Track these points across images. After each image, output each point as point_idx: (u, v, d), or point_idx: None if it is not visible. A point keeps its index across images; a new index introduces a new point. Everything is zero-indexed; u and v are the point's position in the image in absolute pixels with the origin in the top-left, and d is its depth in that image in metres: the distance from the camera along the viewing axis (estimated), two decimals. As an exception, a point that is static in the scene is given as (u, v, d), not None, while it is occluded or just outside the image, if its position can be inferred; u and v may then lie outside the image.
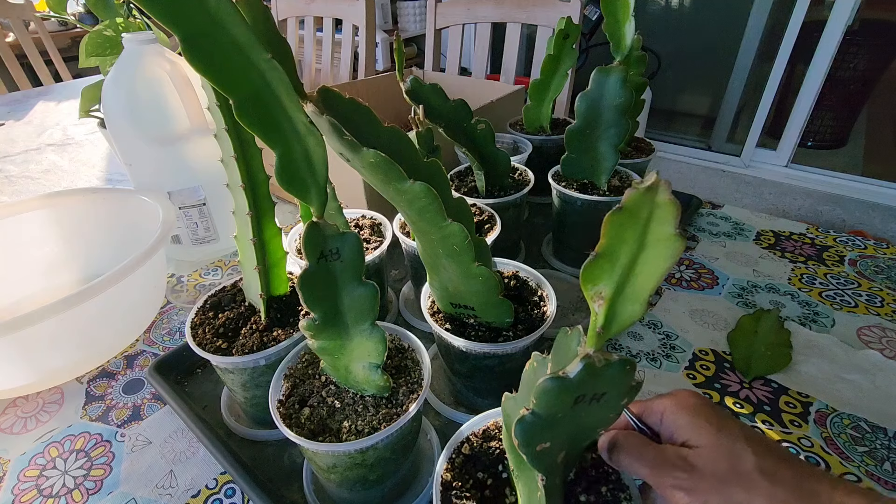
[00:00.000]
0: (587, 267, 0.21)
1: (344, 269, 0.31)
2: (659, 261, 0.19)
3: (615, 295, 0.21)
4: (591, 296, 0.21)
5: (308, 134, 0.27)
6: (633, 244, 0.20)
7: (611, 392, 0.23)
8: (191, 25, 0.22)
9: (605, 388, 0.22)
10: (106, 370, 0.55)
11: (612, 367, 0.21)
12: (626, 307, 0.21)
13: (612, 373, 0.21)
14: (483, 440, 0.33)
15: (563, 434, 0.25)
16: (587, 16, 2.10)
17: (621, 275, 0.20)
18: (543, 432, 0.23)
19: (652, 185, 0.18)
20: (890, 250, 0.67)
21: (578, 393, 0.22)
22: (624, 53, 0.54)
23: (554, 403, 0.22)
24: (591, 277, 0.21)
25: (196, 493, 0.41)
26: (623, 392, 0.23)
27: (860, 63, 1.98)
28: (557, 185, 0.60)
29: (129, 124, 0.61)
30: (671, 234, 0.19)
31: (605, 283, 0.21)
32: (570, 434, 0.26)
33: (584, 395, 0.22)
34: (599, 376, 0.21)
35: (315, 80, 1.46)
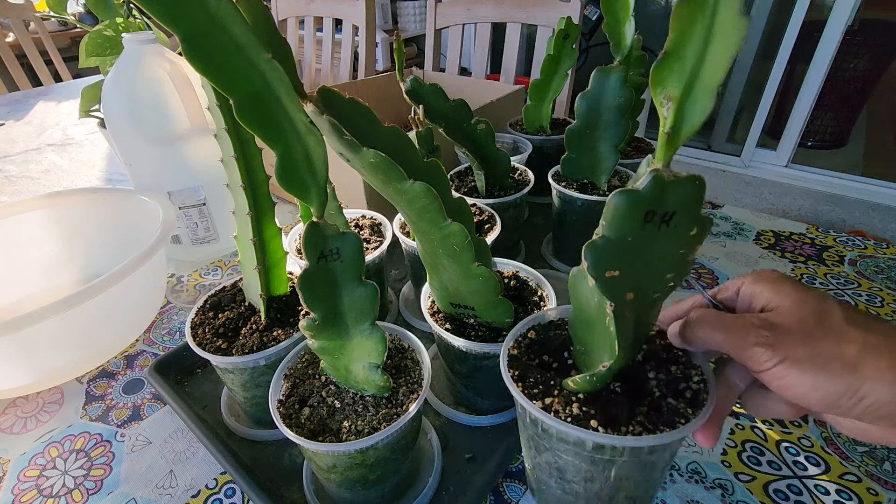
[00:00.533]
0: (656, 69, 0.20)
1: (344, 269, 0.31)
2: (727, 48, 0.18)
3: (684, 94, 0.20)
4: (660, 101, 0.21)
5: (308, 134, 0.27)
6: (700, 36, 0.19)
7: (680, 213, 0.22)
8: (191, 25, 0.22)
9: (674, 206, 0.22)
10: (106, 370, 0.55)
11: (680, 181, 0.21)
12: (696, 105, 0.20)
13: (681, 188, 0.21)
14: (548, 329, 0.34)
15: (633, 267, 0.24)
16: (587, 16, 2.10)
17: (690, 71, 0.20)
18: (613, 257, 0.23)
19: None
20: (890, 250, 0.67)
21: (647, 208, 0.21)
22: (624, 53, 0.54)
23: (623, 222, 0.22)
24: (659, 80, 0.20)
25: (196, 493, 0.41)
26: (693, 218, 0.22)
27: (860, 63, 1.99)
28: (557, 185, 0.60)
29: (129, 124, 0.61)
30: (737, 14, 0.18)
31: (674, 84, 0.20)
32: (640, 271, 0.25)
33: (654, 214, 0.22)
34: (668, 191, 0.21)
35: (315, 80, 1.46)
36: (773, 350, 0.23)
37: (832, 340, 0.23)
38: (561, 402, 0.29)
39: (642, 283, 0.26)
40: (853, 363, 0.22)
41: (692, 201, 0.22)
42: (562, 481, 0.31)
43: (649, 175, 0.20)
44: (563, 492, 0.32)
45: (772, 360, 0.24)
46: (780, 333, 0.24)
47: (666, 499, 0.39)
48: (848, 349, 0.23)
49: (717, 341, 0.26)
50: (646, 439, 0.26)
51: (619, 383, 0.30)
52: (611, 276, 0.24)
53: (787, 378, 0.23)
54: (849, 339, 0.23)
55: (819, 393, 0.23)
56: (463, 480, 0.41)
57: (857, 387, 0.22)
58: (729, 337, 0.25)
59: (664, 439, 0.26)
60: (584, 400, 0.29)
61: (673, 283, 0.26)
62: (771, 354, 0.23)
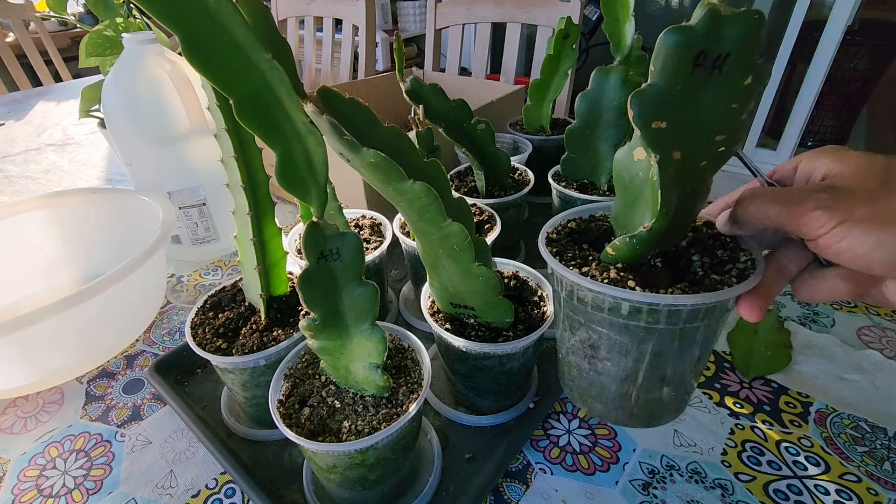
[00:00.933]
0: None
1: (344, 269, 0.31)
2: None
3: None
4: None
5: (308, 134, 0.27)
6: None
7: (734, 57, 0.20)
8: (191, 25, 0.22)
9: (728, 47, 0.20)
10: (106, 370, 0.55)
11: (738, 17, 0.19)
12: None
13: (738, 24, 0.19)
14: (590, 221, 0.33)
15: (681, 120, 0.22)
16: (587, 16, 2.10)
17: None
18: (660, 107, 0.21)
19: None
20: (890, 250, 0.67)
21: (700, 47, 0.20)
22: (624, 53, 0.54)
23: (673, 65, 0.20)
24: None
25: (196, 493, 0.41)
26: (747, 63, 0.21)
27: (860, 63, 1.99)
28: (557, 185, 0.60)
29: (129, 124, 0.61)
30: None
31: None
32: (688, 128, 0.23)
33: (706, 56, 0.20)
34: (724, 27, 0.19)
35: (315, 80, 1.46)
36: (832, 211, 0.22)
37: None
38: (598, 270, 0.27)
39: (691, 143, 0.24)
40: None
41: (749, 43, 0.20)
42: (595, 360, 0.29)
43: (704, 9, 0.19)
44: (595, 373, 0.30)
45: (830, 223, 0.22)
46: (840, 196, 0.22)
47: (666, 499, 0.39)
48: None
49: (772, 215, 0.24)
50: (685, 298, 0.24)
51: (659, 259, 0.28)
52: (657, 128, 0.22)
53: (847, 239, 0.22)
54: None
55: (883, 251, 0.21)
56: (463, 480, 0.41)
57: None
58: (784, 207, 0.23)
59: (703, 300, 0.24)
60: (623, 268, 0.27)
61: (724, 149, 0.24)
62: (829, 216, 0.22)
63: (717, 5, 0.19)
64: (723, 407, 0.47)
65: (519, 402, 0.46)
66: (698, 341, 0.28)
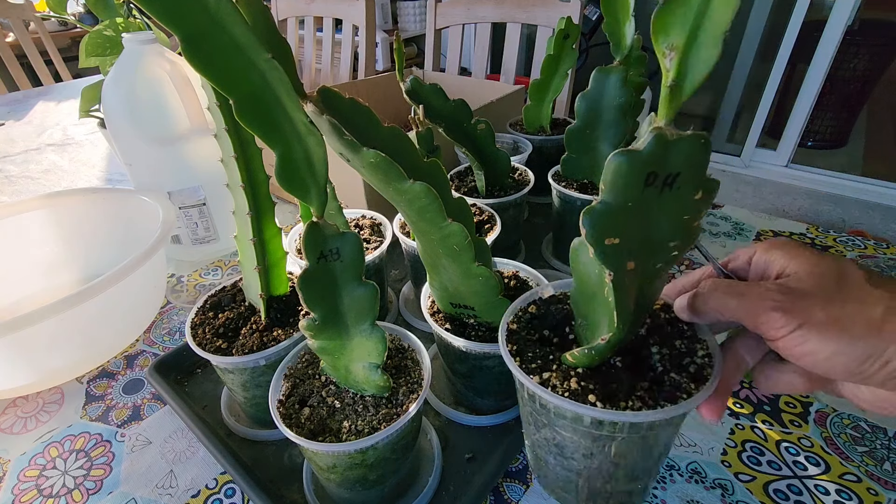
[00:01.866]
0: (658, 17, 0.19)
1: (344, 269, 0.31)
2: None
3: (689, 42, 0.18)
4: (662, 51, 0.19)
5: (308, 134, 0.27)
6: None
7: (684, 175, 0.20)
8: (191, 25, 0.22)
9: (677, 168, 0.20)
10: (106, 370, 0.55)
11: (684, 140, 0.19)
12: (700, 53, 0.18)
13: (684, 147, 0.19)
14: (550, 303, 0.32)
15: (634, 235, 0.23)
16: (587, 16, 2.10)
17: (695, 17, 0.18)
18: (613, 224, 0.21)
19: None
20: (890, 250, 0.67)
21: (649, 169, 0.20)
22: (624, 53, 0.54)
23: (624, 185, 0.20)
24: (662, 27, 0.19)
25: (196, 493, 0.41)
26: (697, 180, 0.21)
27: (860, 63, 1.99)
28: (557, 185, 0.60)
29: (129, 124, 0.61)
30: None
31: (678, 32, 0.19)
32: (641, 240, 0.23)
33: (656, 176, 0.20)
34: (671, 151, 0.19)
35: (315, 80, 1.46)
36: (790, 314, 0.22)
37: (853, 302, 0.22)
38: (559, 377, 0.28)
39: (644, 252, 0.24)
40: (877, 325, 0.21)
41: (697, 162, 0.20)
42: (561, 458, 0.30)
43: (651, 134, 0.19)
44: (562, 468, 0.31)
45: (789, 325, 0.22)
46: (797, 297, 0.22)
47: (666, 499, 0.39)
48: (871, 310, 0.21)
49: (731, 308, 0.24)
50: (644, 414, 0.25)
51: (619, 357, 0.28)
52: (610, 244, 0.22)
53: (806, 344, 0.22)
54: (872, 300, 0.22)
55: (842, 358, 0.21)
56: (463, 480, 0.41)
57: (883, 349, 0.21)
58: (743, 303, 0.24)
59: (664, 415, 0.25)
60: (583, 374, 0.27)
61: (677, 252, 0.24)
62: (788, 319, 0.22)
63: (663, 129, 0.19)
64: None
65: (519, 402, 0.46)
66: (661, 442, 0.29)
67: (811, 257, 0.24)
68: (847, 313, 0.22)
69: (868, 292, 0.22)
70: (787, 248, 0.25)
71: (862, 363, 0.21)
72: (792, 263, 0.24)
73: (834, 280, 0.23)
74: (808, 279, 0.23)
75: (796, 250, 0.25)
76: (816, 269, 0.23)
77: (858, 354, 0.21)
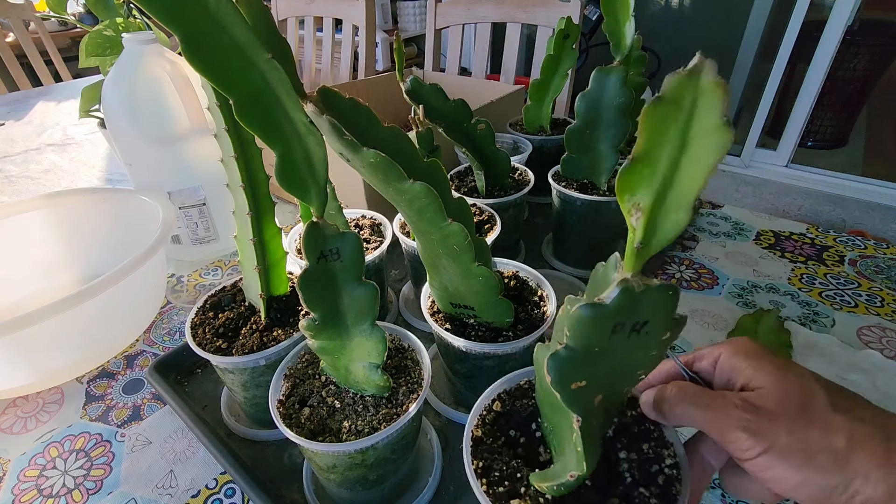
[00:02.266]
0: (622, 174, 0.18)
1: (344, 269, 0.31)
2: (705, 157, 0.17)
3: (656, 204, 0.18)
4: (627, 209, 0.19)
5: (308, 134, 0.27)
6: (674, 141, 0.17)
7: (652, 322, 0.20)
8: (191, 25, 0.22)
9: (645, 317, 0.20)
10: (106, 370, 0.55)
11: (652, 291, 0.19)
12: (668, 217, 0.18)
13: (652, 298, 0.19)
14: (515, 398, 0.32)
15: (601, 373, 0.22)
16: (587, 16, 2.10)
17: (662, 179, 0.18)
18: (579, 368, 0.21)
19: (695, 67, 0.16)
20: (890, 250, 0.67)
21: (616, 321, 0.20)
22: (624, 53, 0.54)
23: (590, 335, 0.20)
24: (627, 186, 0.18)
25: (196, 493, 0.41)
26: (665, 324, 0.21)
27: (860, 63, 1.99)
28: (557, 185, 0.60)
29: (129, 124, 0.61)
30: (718, 123, 0.16)
31: (644, 193, 0.18)
32: (608, 374, 0.23)
33: (623, 325, 0.20)
34: (639, 302, 0.19)
35: (315, 80, 1.46)
36: (756, 437, 0.22)
37: (818, 429, 0.22)
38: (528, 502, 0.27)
39: (611, 384, 0.24)
40: (843, 456, 0.21)
41: (665, 309, 0.20)
42: None
43: (617, 287, 0.19)
44: None
45: (755, 449, 0.22)
46: (763, 418, 0.23)
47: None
48: (836, 439, 0.22)
49: (697, 420, 0.25)
50: None
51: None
52: (577, 388, 0.22)
53: (772, 470, 0.22)
54: (835, 427, 0.22)
55: (808, 488, 0.22)
56: (463, 480, 0.41)
57: (849, 481, 0.21)
58: (709, 416, 0.24)
59: None
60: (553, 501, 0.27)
61: (645, 376, 0.25)
62: (754, 442, 0.22)
63: (630, 281, 0.19)
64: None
65: (519, 402, 0.46)
66: None
67: (776, 372, 0.24)
68: (812, 441, 0.22)
69: (831, 419, 0.22)
70: (752, 358, 0.25)
71: (829, 495, 0.22)
72: (757, 377, 0.24)
73: (798, 401, 0.23)
74: (772, 396, 0.23)
75: (762, 361, 0.25)
76: (781, 387, 0.23)
77: (824, 485, 0.21)
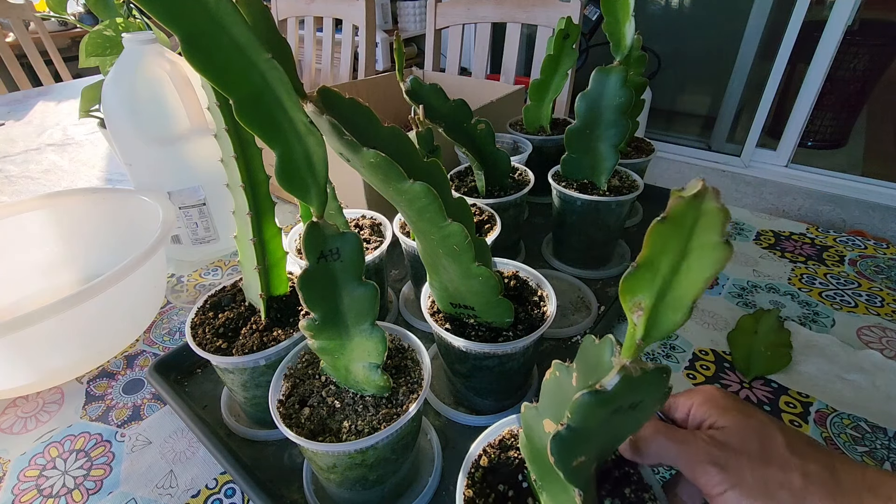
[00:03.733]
0: (627, 278, 0.20)
1: (344, 269, 0.31)
2: (703, 269, 0.19)
3: (655, 304, 0.20)
4: (629, 307, 0.21)
5: (308, 134, 0.27)
6: (675, 253, 0.19)
7: (647, 399, 0.23)
8: (191, 25, 0.22)
9: (641, 397, 0.22)
10: (106, 370, 0.55)
11: (649, 376, 0.21)
12: (667, 316, 0.20)
13: (648, 381, 0.21)
14: (500, 451, 0.33)
15: (598, 445, 0.25)
16: (587, 16, 2.10)
17: (662, 284, 0.20)
18: (579, 446, 0.23)
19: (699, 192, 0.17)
20: (890, 250, 0.67)
21: (616, 405, 0.22)
22: (624, 53, 0.54)
23: (591, 417, 0.22)
24: (630, 289, 0.20)
25: (196, 493, 0.41)
26: (658, 399, 0.23)
27: (860, 63, 1.99)
28: (557, 185, 0.60)
29: (129, 124, 0.61)
30: (717, 241, 0.18)
31: (645, 294, 0.20)
32: (604, 444, 0.26)
33: (622, 406, 0.22)
34: (636, 386, 0.21)
35: (315, 80, 1.46)
36: (724, 472, 0.24)
37: (776, 468, 0.24)
38: None
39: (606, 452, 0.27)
40: (799, 493, 0.24)
41: (659, 389, 0.22)
42: None
43: (618, 375, 0.20)
44: None
45: (723, 485, 0.24)
46: (729, 454, 0.25)
47: (666, 499, 0.39)
48: (792, 478, 0.24)
49: (671, 455, 0.26)
50: None
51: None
52: (578, 464, 0.23)
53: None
54: (791, 467, 0.24)
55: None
56: (463, 480, 0.41)
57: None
58: (682, 451, 0.26)
59: None
60: None
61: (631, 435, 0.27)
62: (723, 477, 0.24)
63: (628, 368, 0.20)
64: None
65: (519, 402, 0.46)
66: None
67: (739, 416, 0.26)
68: (772, 479, 0.24)
69: (788, 459, 0.24)
70: (720, 405, 0.27)
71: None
72: (722, 419, 0.27)
73: (758, 441, 0.25)
74: (736, 435, 0.26)
75: (728, 406, 0.27)
76: (743, 428, 0.26)
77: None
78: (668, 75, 2.36)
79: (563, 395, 0.25)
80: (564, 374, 0.26)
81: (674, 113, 2.56)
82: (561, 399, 0.25)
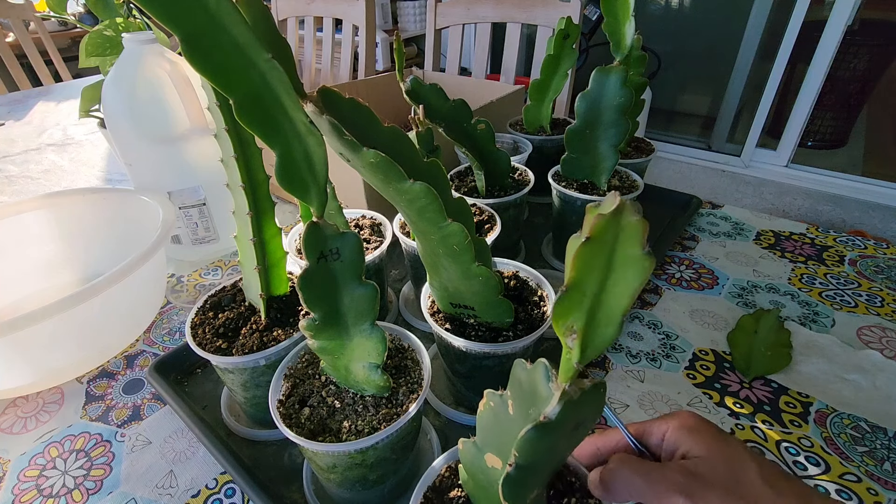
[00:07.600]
0: (558, 303, 0.20)
1: (344, 269, 0.31)
2: (629, 281, 0.19)
3: (587, 324, 0.21)
4: (563, 332, 0.21)
5: (308, 134, 0.27)
6: (600, 270, 0.19)
7: (588, 417, 0.23)
8: (191, 25, 0.22)
9: (584, 415, 0.23)
10: (106, 370, 0.55)
11: (587, 394, 0.21)
12: (599, 332, 0.21)
13: (588, 399, 0.21)
14: (441, 493, 0.31)
15: (546, 472, 0.25)
16: (587, 16, 2.10)
17: (592, 303, 0.20)
18: (530, 481, 0.23)
19: (617, 208, 0.18)
20: (890, 250, 0.67)
21: (562, 431, 0.22)
22: (624, 53, 0.54)
23: (539, 450, 0.22)
24: (562, 313, 0.20)
25: (196, 493, 0.41)
26: (598, 412, 0.23)
27: (860, 63, 1.98)
28: (557, 185, 0.60)
29: (129, 124, 0.61)
30: (639, 254, 0.18)
31: (576, 316, 0.20)
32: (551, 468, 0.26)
33: (566, 430, 0.22)
34: (578, 408, 0.21)
35: (315, 80, 1.46)
36: (691, 500, 0.24)
37: (748, 499, 0.24)
38: None
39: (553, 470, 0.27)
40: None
41: (598, 403, 0.22)
42: None
43: (560, 402, 0.20)
44: None
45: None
46: (697, 483, 0.24)
47: (666, 499, 0.39)
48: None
49: (637, 486, 0.26)
50: None
51: None
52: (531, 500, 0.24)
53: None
54: (764, 499, 0.24)
55: None
56: (463, 480, 0.41)
57: None
58: (648, 482, 0.25)
59: None
60: None
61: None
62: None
63: (569, 393, 0.21)
64: (723, 407, 0.47)
65: (519, 402, 0.46)
66: None
67: (713, 444, 0.26)
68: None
69: (760, 490, 0.24)
70: (695, 432, 0.27)
71: None
72: (695, 447, 0.26)
73: (731, 471, 0.25)
74: (706, 465, 0.25)
75: (703, 434, 0.27)
76: (715, 457, 0.25)
77: None
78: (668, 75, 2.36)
79: (501, 427, 0.25)
80: (499, 404, 0.25)
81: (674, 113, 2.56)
82: (499, 430, 0.25)
